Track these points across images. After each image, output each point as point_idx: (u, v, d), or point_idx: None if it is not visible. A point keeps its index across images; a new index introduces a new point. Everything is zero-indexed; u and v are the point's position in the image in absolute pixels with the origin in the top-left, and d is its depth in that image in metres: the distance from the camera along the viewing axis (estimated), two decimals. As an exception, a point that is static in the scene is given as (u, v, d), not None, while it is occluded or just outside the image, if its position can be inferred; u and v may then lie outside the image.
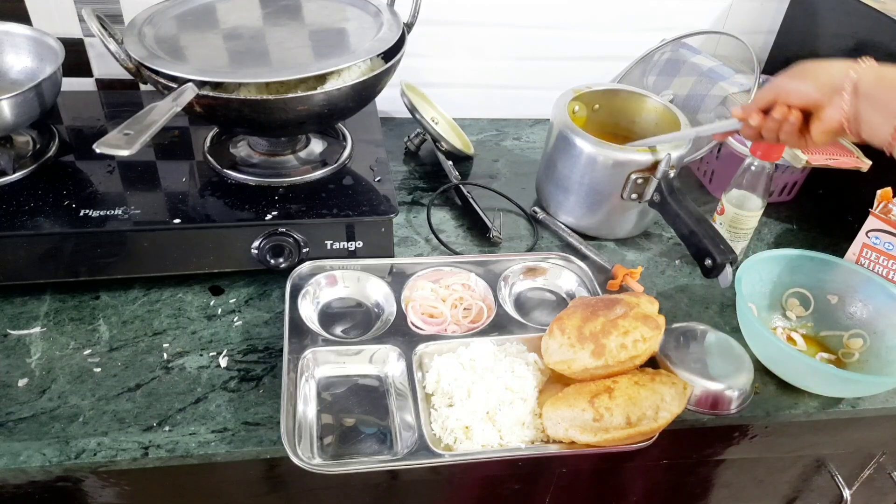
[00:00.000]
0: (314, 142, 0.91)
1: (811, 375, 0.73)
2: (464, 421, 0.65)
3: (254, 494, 0.73)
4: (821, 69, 0.65)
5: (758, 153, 0.82)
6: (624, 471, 0.84)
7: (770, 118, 0.68)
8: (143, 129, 0.64)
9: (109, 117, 0.94)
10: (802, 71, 0.66)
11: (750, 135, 0.71)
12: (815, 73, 0.65)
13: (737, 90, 1.00)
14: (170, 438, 0.64)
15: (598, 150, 0.86)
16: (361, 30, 0.83)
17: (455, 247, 0.90)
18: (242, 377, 0.70)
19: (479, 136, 1.15)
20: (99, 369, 0.70)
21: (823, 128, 0.65)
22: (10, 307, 0.75)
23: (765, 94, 0.69)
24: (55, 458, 0.61)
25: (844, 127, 0.63)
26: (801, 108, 0.66)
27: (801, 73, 0.66)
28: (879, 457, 0.91)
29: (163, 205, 0.77)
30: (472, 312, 0.78)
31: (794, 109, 0.66)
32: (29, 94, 0.76)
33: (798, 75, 0.66)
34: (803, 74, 0.66)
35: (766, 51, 1.19)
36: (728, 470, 0.87)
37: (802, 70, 0.66)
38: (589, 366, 0.66)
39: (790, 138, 0.68)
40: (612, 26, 1.13)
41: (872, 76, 0.61)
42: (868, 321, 0.79)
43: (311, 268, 0.79)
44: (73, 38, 0.98)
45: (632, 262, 0.91)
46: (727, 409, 0.72)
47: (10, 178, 0.79)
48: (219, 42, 0.80)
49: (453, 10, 1.07)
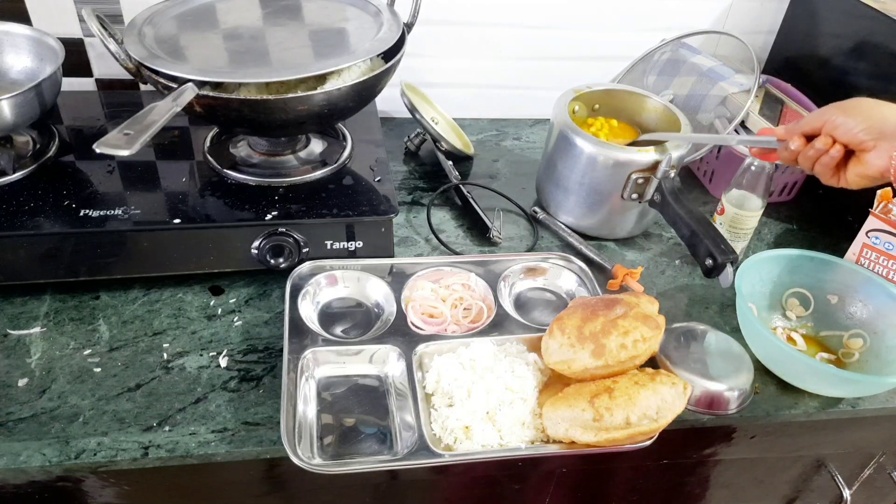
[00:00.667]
0: (314, 142, 0.91)
1: (811, 375, 0.73)
2: (464, 421, 0.65)
3: (254, 494, 0.73)
4: (875, 110, 0.62)
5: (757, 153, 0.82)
6: (624, 471, 0.84)
7: (811, 146, 0.65)
8: (143, 129, 0.64)
9: (109, 117, 0.94)
10: (856, 107, 0.64)
11: (786, 157, 0.69)
12: (869, 113, 0.62)
13: (737, 90, 1.00)
14: (170, 438, 0.64)
15: (598, 150, 0.86)
16: (361, 30, 0.83)
17: (455, 247, 0.90)
18: (242, 377, 0.70)
19: (479, 136, 1.15)
20: (99, 369, 0.70)
21: (863, 171, 0.63)
22: (10, 307, 0.75)
23: (812, 120, 0.66)
24: (55, 458, 0.61)
25: (889, 177, 0.61)
26: (844, 144, 0.64)
27: (853, 108, 0.64)
28: (879, 457, 0.91)
29: (163, 205, 0.77)
30: (472, 312, 0.78)
31: (838, 143, 0.64)
32: (29, 94, 0.76)
33: (850, 110, 0.63)
34: (856, 111, 0.63)
35: (766, 51, 1.19)
36: (728, 470, 0.87)
37: (856, 106, 0.64)
38: (589, 366, 0.66)
39: (825, 171, 0.66)
40: (613, 26, 1.13)
41: None
42: (868, 321, 0.79)
43: (311, 268, 0.79)
44: (73, 38, 0.98)
45: (632, 262, 0.91)
46: (727, 409, 0.72)
47: (10, 178, 0.79)
48: (219, 42, 0.80)
49: (453, 10, 1.07)
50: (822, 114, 0.65)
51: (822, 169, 0.66)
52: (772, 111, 1.01)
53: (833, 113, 0.64)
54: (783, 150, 0.69)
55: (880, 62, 0.95)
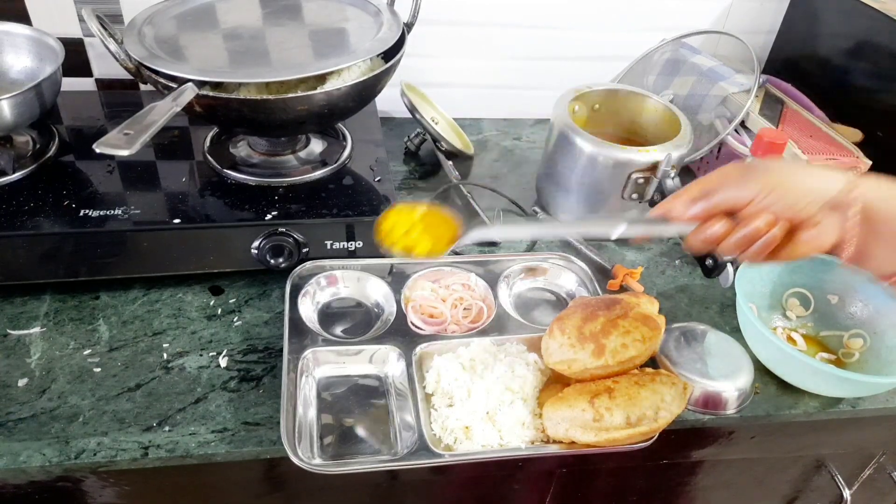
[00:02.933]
0: (314, 142, 0.91)
1: (811, 375, 0.73)
2: (464, 421, 0.65)
3: (254, 494, 0.73)
4: (808, 178, 0.51)
5: (758, 153, 0.82)
6: (624, 471, 0.84)
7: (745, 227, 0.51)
8: (143, 128, 0.64)
9: (109, 117, 0.94)
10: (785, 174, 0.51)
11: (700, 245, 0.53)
12: (804, 181, 0.50)
13: (737, 90, 1.00)
14: (170, 438, 0.64)
15: (598, 149, 0.86)
16: (361, 30, 0.83)
17: (455, 247, 0.89)
18: (242, 377, 0.70)
19: (479, 135, 1.15)
20: (99, 369, 0.70)
21: (806, 249, 0.51)
22: (9, 307, 0.75)
23: (729, 196, 0.51)
24: (55, 459, 0.61)
25: (842, 250, 0.50)
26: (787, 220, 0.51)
27: (784, 177, 0.50)
28: (879, 457, 0.91)
29: (163, 205, 0.77)
30: (472, 312, 0.78)
31: (781, 221, 0.50)
32: (29, 94, 0.76)
33: (783, 181, 0.50)
34: (789, 180, 0.50)
35: (766, 51, 1.19)
36: (728, 470, 0.87)
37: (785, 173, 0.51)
38: (589, 366, 0.66)
39: (758, 256, 0.52)
40: (613, 26, 1.13)
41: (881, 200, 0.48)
42: (868, 321, 0.79)
43: (310, 268, 0.79)
44: (73, 37, 0.98)
45: (632, 262, 0.91)
46: (727, 410, 0.72)
47: (9, 178, 0.79)
48: (219, 42, 0.80)
49: (453, 10, 1.07)
50: (740, 185, 0.51)
51: (754, 253, 0.52)
52: (772, 111, 1.01)
53: (760, 185, 0.50)
54: (698, 234, 0.52)
55: (880, 62, 0.95)
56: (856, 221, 0.49)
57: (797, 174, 0.51)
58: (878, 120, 0.96)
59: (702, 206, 0.52)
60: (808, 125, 0.99)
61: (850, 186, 0.49)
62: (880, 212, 0.48)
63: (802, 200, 0.49)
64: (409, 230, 0.60)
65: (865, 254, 0.50)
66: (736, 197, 0.51)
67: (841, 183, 0.49)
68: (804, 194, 0.50)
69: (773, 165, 0.52)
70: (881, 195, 0.49)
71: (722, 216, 0.52)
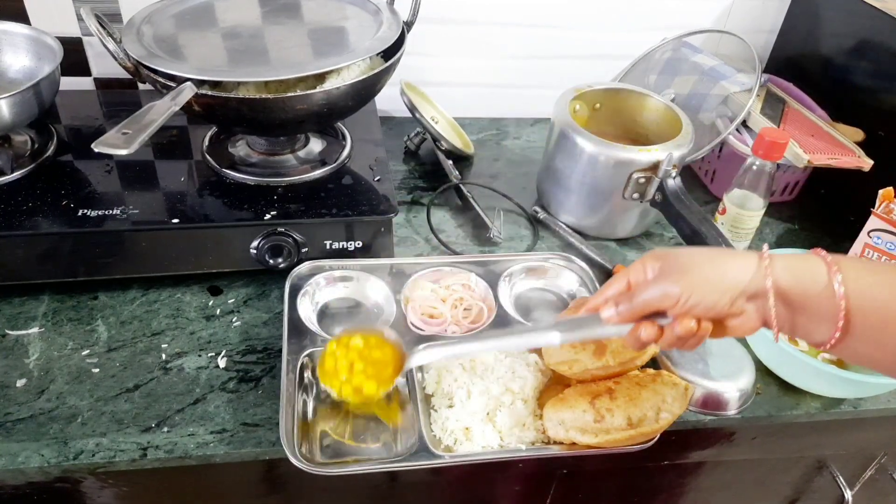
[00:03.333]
0: (313, 141, 0.91)
1: (813, 376, 0.73)
2: (464, 422, 0.65)
3: (253, 495, 0.73)
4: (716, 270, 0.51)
5: (759, 152, 0.82)
6: (625, 472, 0.84)
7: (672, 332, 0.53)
8: (142, 128, 0.64)
9: (108, 116, 0.94)
10: (692, 272, 0.51)
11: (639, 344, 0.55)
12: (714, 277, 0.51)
13: (738, 89, 1.00)
14: (168, 439, 0.63)
15: (599, 149, 0.85)
16: (361, 28, 0.83)
17: (455, 247, 0.89)
18: (241, 378, 0.70)
19: (479, 135, 1.15)
20: (97, 370, 0.69)
21: (735, 334, 0.54)
22: (8, 307, 0.75)
23: (650, 299, 0.52)
24: (53, 459, 0.61)
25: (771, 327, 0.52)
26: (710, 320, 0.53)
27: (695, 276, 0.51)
28: (881, 458, 0.91)
29: (161, 204, 0.77)
30: (472, 313, 0.78)
31: (704, 322, 0.52)
32: (27, 94, 0.76)
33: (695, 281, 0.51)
34: (699, 278, 0.51)
35: (767, 50, 1.19)
36: (729, 471, 0.87)
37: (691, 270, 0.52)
38: (590, 366, 0.66)
39: (690, 348, 0.55)
40: (613, 25, 1.12)
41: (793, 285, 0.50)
42: (870, 321, 0.78)
43: (310, 268, 0.78)
44: (72, 37, 0.98)
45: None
46: (728, 410, 0.71)
47: (8, 177, 0.78)
48: (217, 41, 0.80)
49: (454, 9, 1.07)
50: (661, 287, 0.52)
51: (691, 346, 0.54)
52: (773, 110, 1.01)
53: (680, 288, 0.51)
54: (632, 339, 0.55)
55: (882, 61, 0.95)
56: (773, 306, 0.51)
57: (714, 268, 0.52)
58: (880, 119, 0.95)
59: (626, 309, 0.54)
60: (809, 124, 0.99)
61: (763, 273, 0.50)
62: (796, 295, 0.50)
63: (723, 298, 0.51)
64: (351, 365, 0.60)
65: (795, 328, 0.52)
66: (659, 302, 0.52)
67: (753, 269, 0.51)
68: (724, 291, 0.51)
69: (689, 261, 0.53)
70: (792, 278, 0.50)
71: (649, 320, 0.54)
